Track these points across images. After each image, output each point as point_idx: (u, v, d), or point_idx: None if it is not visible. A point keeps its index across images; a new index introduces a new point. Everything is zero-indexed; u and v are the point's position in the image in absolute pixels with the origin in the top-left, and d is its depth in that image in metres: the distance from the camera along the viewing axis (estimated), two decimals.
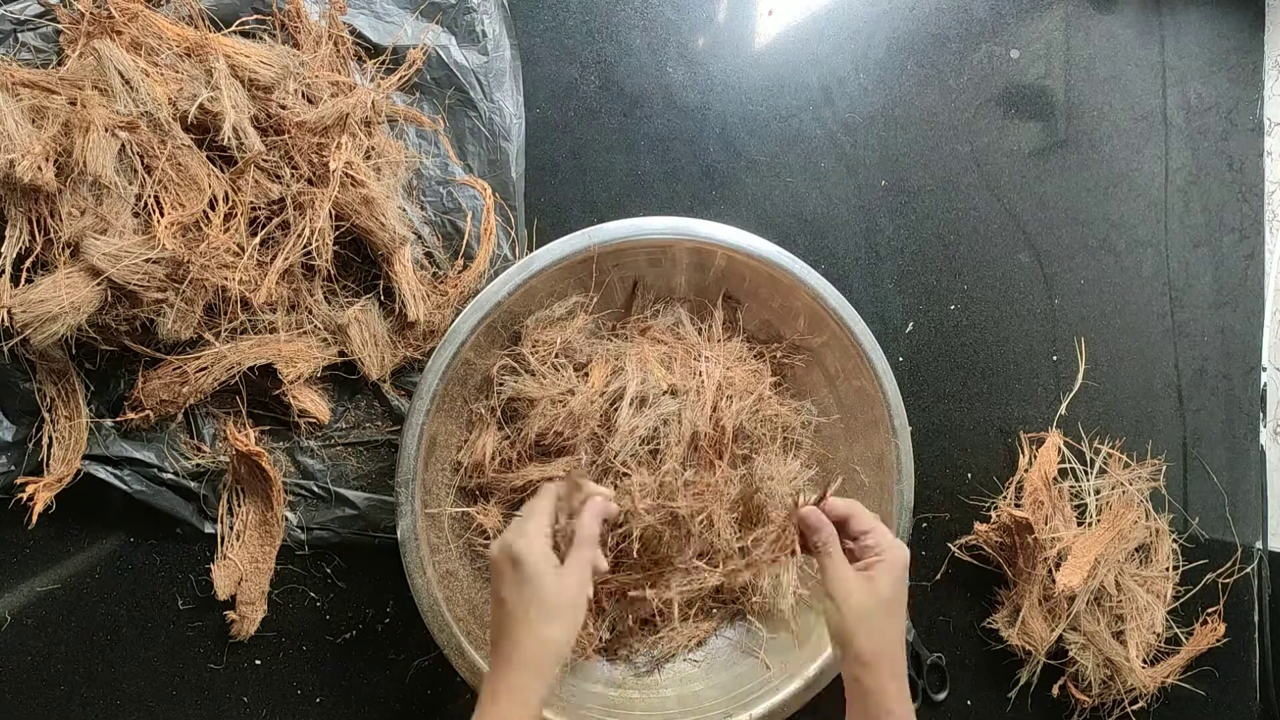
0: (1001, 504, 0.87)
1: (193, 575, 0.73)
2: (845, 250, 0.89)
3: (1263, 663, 0.98)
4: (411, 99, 0.77)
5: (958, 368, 0.91)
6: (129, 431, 0.71)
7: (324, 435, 0.76)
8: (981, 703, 0.90)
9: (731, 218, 0.78)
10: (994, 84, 0.94)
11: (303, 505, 0.75)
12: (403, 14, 0.76)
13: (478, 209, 0.78)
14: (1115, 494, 0.89)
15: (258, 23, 0.72)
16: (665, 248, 0.75)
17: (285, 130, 0.68)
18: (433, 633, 0.69)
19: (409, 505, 0.69)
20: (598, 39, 0.84)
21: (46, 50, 0.67)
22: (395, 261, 0.73)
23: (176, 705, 0.73)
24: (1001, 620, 0.87)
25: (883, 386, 0.77)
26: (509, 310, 0.72)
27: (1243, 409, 1.00)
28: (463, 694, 0.77)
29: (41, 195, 0.61)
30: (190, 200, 0.65)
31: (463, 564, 0.74)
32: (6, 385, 0.67)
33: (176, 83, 0.65)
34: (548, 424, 0.71)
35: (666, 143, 0.85)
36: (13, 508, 0.67)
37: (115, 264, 0.61)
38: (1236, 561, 0.96)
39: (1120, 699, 0.87)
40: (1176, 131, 0.99)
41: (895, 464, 0.77)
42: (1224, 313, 0.99)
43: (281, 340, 0.71)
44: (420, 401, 0.69)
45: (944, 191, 0.92)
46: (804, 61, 0.89)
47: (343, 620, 0.76)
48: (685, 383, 0.74)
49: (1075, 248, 0.95)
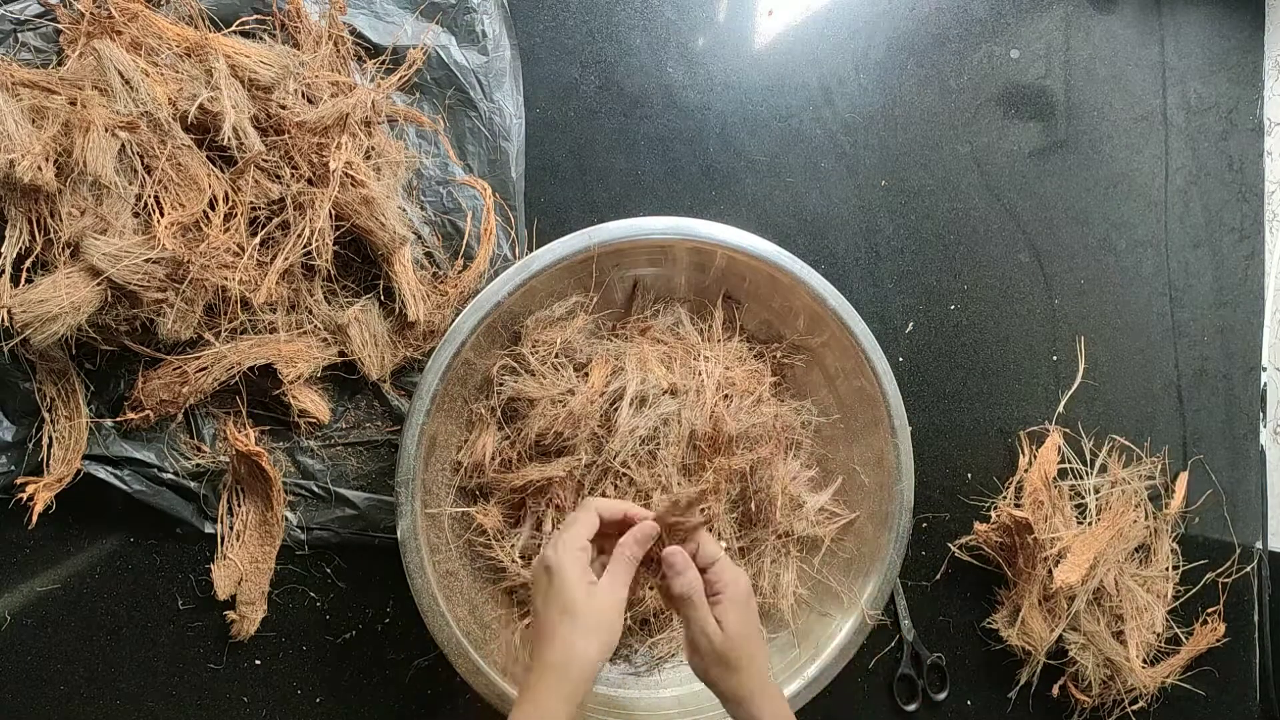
0: (1001, 504, 0.87)
1: (193, 575, 0.73)
2: (845, 250, 0.89)
3: (1263, 663, 0.98)
4: (411, 99, 0.77)
5: (958, 368, 0.91)
6: (129, 431, 0.71)
7: (324, 435, 0.76)
8: (981, 703, 0.90)
9: (731, 218, 0.78)
10: (994, 84, 0.94)
11: (303, 505, 0.75)
12: (403, 14, 0.76)
13: (478, 209, 0.78)
14: (1115, 492, 0.89)
15: (258, 23, 0.71)
16: (665, 248, 0.75)
17: (285, 130, 0.68)
18: (433, 633, 0.69)
19: (409, 505, 0.69)
20: (598, 39, 0.84)
21: (46, 50, 0.67)
22: (395, 261, 0.73)
23: (176, 705, 0.73)
24: (1001, 620, 0.87)
25: (883, 386, 0.77)
26: (509, 310, 0.72)
27: (1243, 409, 1.00)
28: (463, 694, 0.77)
29: (41, 195, 0.61)
30: (190, 200, 0.65)
31: (463, 564, 0.74)
32: (6, 385, 0.67)
33: (176, 83, 0.65)
34: (548, 424, 0.71)
35: (666, 143, 0.85)
36: (13, 508, 0.67)
37: (115, 264, 0.61)
38: (1236, 561, 0.96)
39: (1120, 699, 0.87)
40: (1176, 131, 0.99)
41: (895, 464, 0.77)
42: (1224, 313, 0.99)
43: (281, 340, 0.71)
44: (420, 401, 0.69)
45: (944, 191, 0.92)
46: (804, 61, 0.89)
47: (343, 620, 0.76)
48: (685, 382, 0.74)
49: (1075, 248, 0.95)
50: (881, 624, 0.80)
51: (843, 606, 0.78)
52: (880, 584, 0.77)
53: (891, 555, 0.78)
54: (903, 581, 0.88)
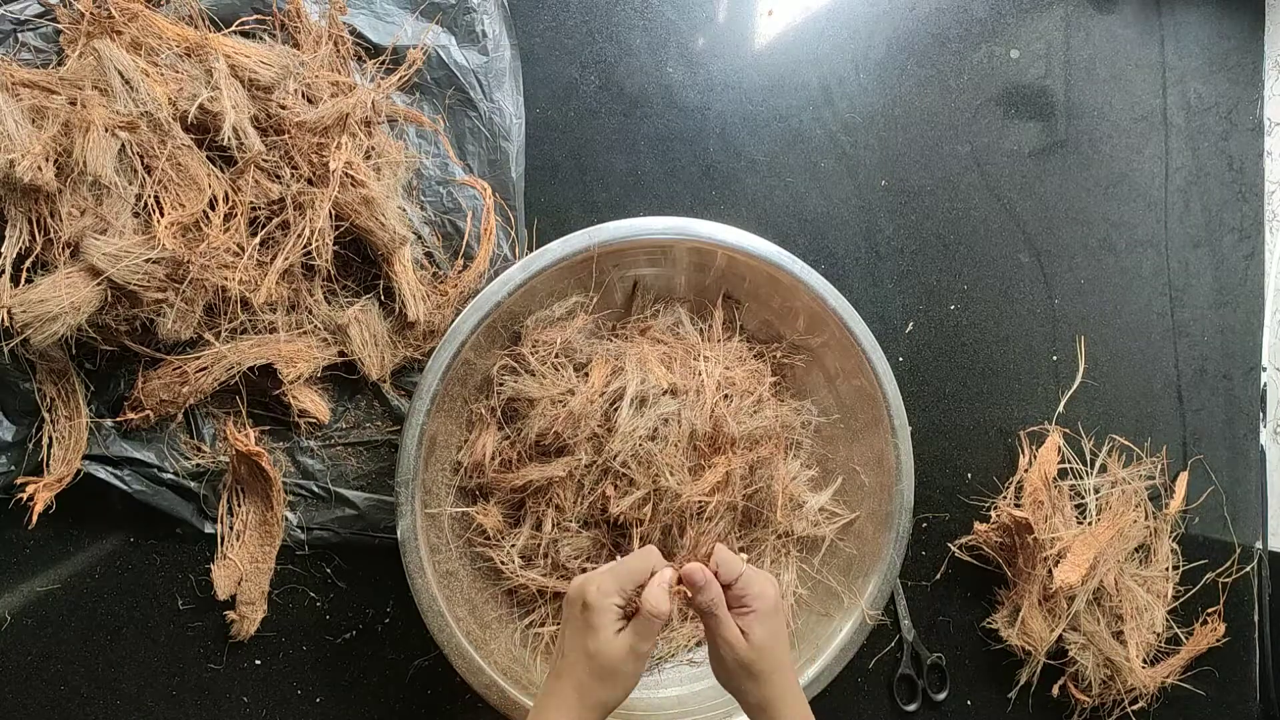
0: (1001, 504, 0.87)
1: (193, 575, 0.73)
2: (845, 250, 0.89)
3: (1263, 663, 0.98)
4: (411, 99, 0.77)
5: (958, 368, 0.91)
6: (129, 431, 0.71)
7: (324, 435, 0.76)
8: (981, 703, 0.90)
9: (731, 218, 0.79)
10: (994, 84, 0.94)
11: (303, 505, 0.75)
12: (403, 14, 0.76)
13: (478, 209, 0.78)
14: (1115, 492, 0.89)
15: (258, 23, 0.71)
16: (665, 248, 0.75)
17: (285, 130, 0.68)
18: (433, 633, 0.69)
19: (409, 505, 0.69)
20: (598, 39, 0.84)
21: (46, 50, 0.67)
22: (395, 261, 0.73)
23: (176, 705, 0.73)
24: (1001, 620, 0.87)
25: (883, 386, 0.77)
26: (509, 310, 0.72)
27: (1243, 409, 1.00)
28: (463, 694, 0.77)
29: (41, 195, 0.61)
30: (190, 200, 0.65)
31: (463, 564, 0.74)
32: (6, 385, 0.67)
33: (176, 83, 0.65)
34: (548, 424, 0.71)
35: (666, 143, 0.85)
36: (13, 508, 0.67)
37: (115, 264, 0.61)
38: (1236, 561, 0.96)
39: (1120, 699, 0.87)
40: (1176, 131, 0.99)
41: (895, 464, 0.77)
42: (1224, 313, 0.99)
43: (281, 340, 0.71)
44: (420, 402, 0.69)
45: (944, 191, 0.92)
46: (804, 61, 0.89)
47: (343, 620, 0.76)
48: (685, 382, 0.74)
49: (1075, 248, 0.95)
50: (881, 624, 0.80)
51: (843, 607, 0.78)
52: (880, 584, 0.77)
53: (891, 555, 0.78)
54: (903, 581, 0.88)
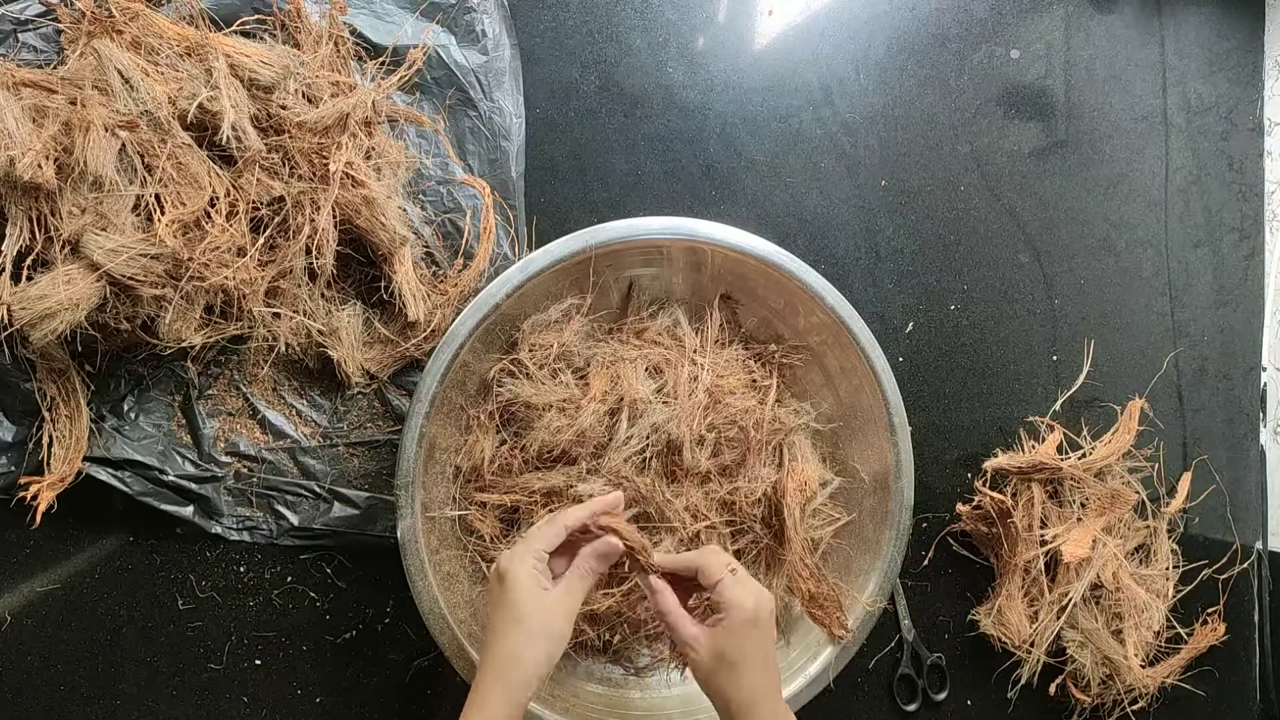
0: (977, 484, 0.87)
1: (193, 575, 0.73)
2: (845, 250, 0.89)
3: (1263, 663, 0.98)
4: (411, 99, 0.77)
5: (958, 368, 0.91)
6: (129, 432, 0.71)
7: (325, 435, 0.76)
8: (981, 703, 0.90)
9: (731, 218, 0.78)
10: (994, 84, 0.94)
11: (303, 505, 0.75)
12: (403, 14, 0.76)
13: (478, 208, 0.78)
14: (1116, 484, 0.89)
15: (258, 23, 0.72)
16: (664, 248, 0.75)
17: (285, 130, 0.68)
18: (433, 634, 0.69)
19: (409, 508, 0.69)
20: (598, 39, 0.84)
21: (47, 50, 0.67)
22: (396, 261, 0.73)
23: (176, 705, 0.73)
24: (983, 612, 0.87)
25: (883, 386, 0.77)
26: (506, 313, 0.72)
27: (1243, 409, 1.00)
28: (462, 694, 0.77)
29: (42, 193, 0.61)
30: (191, 199, 0.65)
31: (463, 566, 0.74)
32: (7, 385, 0.67)
33: (176, 82, 0.65)
34: (552, 437, 0.71)
35: (666, 143, 0.85)
36: (13, 508, 0.67)
37: (115, 259, 0.61)
38: (1236, 561, 0.96)
39: (1120, 699, 0.87)
40: (1176, 131, 0.99)
41: (895, 464, 0.77)
42: (1224, 313, 0.99)
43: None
44: (419, 404, 0.69)
45: (944, 191, 0.92)
46: (804, 61, 0.89)
47: (343, 620, 0.76)
48: (681, 387, 0.74)
49: (1075, 248, 0.95)
50: (881, 624, 0.80)
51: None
52: (880, 584, 0.77)
53: (891, 555, 0.77)
54: (903, 581, 0.88)
